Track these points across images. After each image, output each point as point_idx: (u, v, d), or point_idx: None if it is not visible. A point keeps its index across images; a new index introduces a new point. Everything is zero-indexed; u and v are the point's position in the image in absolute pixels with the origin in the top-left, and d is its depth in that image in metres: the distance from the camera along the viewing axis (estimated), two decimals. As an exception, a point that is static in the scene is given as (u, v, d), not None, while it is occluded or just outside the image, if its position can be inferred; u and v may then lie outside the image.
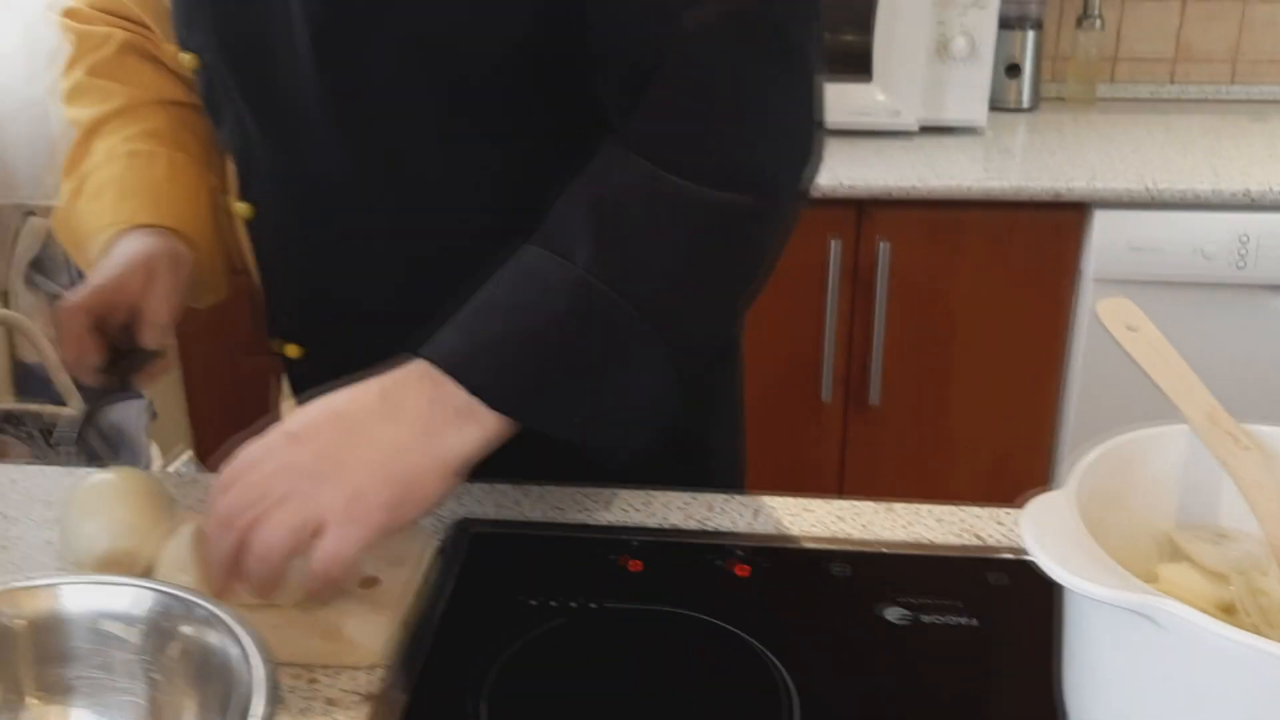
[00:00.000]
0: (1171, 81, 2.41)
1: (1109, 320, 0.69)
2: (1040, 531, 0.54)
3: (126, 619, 0.58)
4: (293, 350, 0.91)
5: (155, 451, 1.27)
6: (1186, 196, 1.81)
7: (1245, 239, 1.82)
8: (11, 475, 0.93)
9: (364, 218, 0.83)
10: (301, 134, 0.81)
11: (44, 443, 1.28)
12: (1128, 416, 0.65)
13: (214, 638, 0.56)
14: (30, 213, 1.51)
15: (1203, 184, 1.81)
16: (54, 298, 1.49)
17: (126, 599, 0.59)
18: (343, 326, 0.88)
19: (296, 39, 0.76)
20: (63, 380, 1.37)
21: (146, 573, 0.70)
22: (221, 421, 1.65)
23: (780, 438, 2.00)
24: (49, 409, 1.32)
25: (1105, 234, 1.84)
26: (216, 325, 1.89)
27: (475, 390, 0.67)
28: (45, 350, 1.37)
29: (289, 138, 0.82)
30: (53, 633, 0.57)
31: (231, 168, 0.90)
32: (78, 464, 0.96)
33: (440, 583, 0.76)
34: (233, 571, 0.65)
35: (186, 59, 0.84)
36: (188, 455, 2.11)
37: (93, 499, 0.76)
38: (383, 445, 0.66)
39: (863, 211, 1.86)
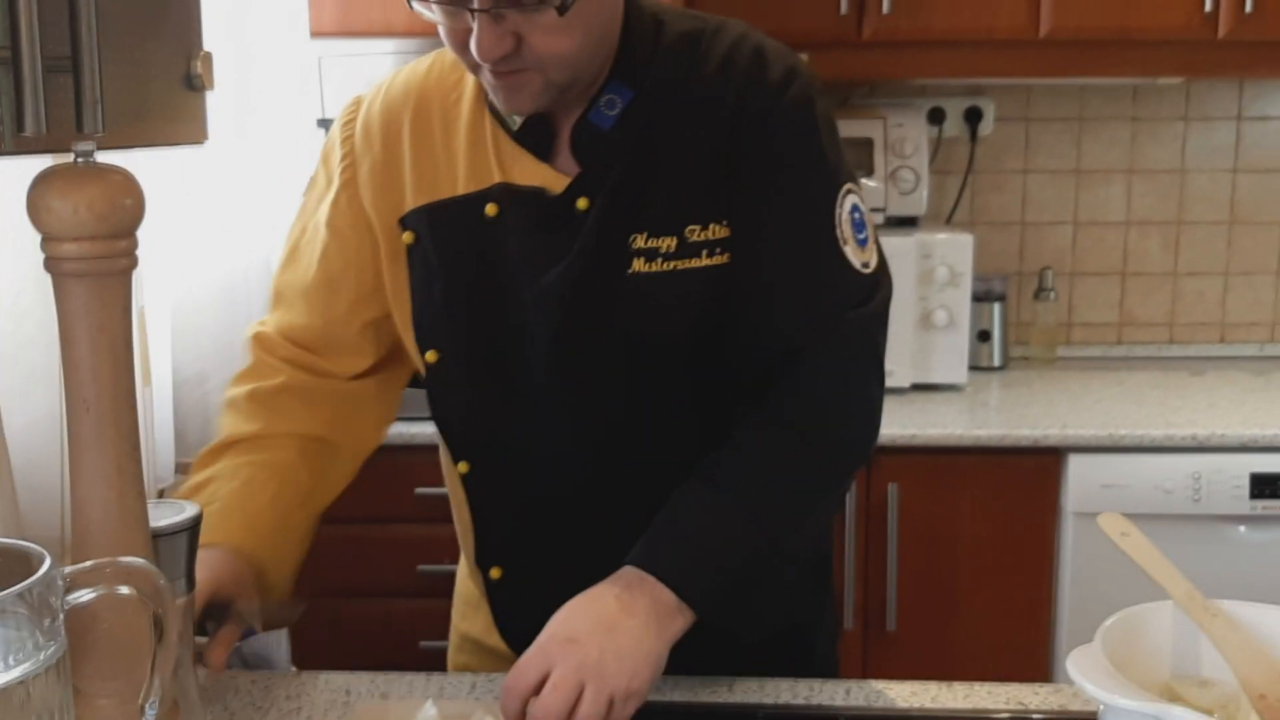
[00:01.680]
0: (1119, 343, 2.78)
1: (1108, 528, 0.97)
2: (1082, 669, 0.80)
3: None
4: (495, 572, 1.14)
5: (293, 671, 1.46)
6: (1144, 441, 2.11)
7: (1198, 476, 2.11)
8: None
9: (564, 465, 1.08)
10: (524, 406, 1.06)
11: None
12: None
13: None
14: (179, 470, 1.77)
15: (1158, 430, 2.12)
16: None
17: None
18: (538, 551, 1.12)
19: (535, 339, 1.03)
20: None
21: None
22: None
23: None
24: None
25: (1079, 474, 2.13)
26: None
27: (683, 595, 0.95)
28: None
29: (512, 409, 1.07)
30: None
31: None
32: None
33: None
34: None
35: (430, 356, 1.08)
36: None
37: None
38: (633, 636, 0.92)
39: (873, 459, 2.15)
